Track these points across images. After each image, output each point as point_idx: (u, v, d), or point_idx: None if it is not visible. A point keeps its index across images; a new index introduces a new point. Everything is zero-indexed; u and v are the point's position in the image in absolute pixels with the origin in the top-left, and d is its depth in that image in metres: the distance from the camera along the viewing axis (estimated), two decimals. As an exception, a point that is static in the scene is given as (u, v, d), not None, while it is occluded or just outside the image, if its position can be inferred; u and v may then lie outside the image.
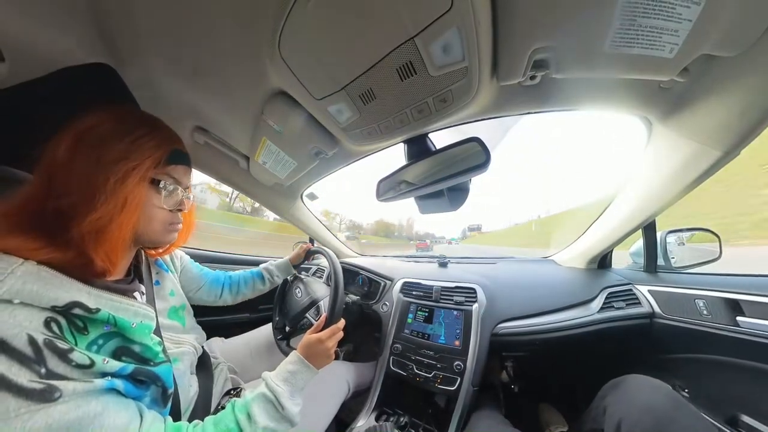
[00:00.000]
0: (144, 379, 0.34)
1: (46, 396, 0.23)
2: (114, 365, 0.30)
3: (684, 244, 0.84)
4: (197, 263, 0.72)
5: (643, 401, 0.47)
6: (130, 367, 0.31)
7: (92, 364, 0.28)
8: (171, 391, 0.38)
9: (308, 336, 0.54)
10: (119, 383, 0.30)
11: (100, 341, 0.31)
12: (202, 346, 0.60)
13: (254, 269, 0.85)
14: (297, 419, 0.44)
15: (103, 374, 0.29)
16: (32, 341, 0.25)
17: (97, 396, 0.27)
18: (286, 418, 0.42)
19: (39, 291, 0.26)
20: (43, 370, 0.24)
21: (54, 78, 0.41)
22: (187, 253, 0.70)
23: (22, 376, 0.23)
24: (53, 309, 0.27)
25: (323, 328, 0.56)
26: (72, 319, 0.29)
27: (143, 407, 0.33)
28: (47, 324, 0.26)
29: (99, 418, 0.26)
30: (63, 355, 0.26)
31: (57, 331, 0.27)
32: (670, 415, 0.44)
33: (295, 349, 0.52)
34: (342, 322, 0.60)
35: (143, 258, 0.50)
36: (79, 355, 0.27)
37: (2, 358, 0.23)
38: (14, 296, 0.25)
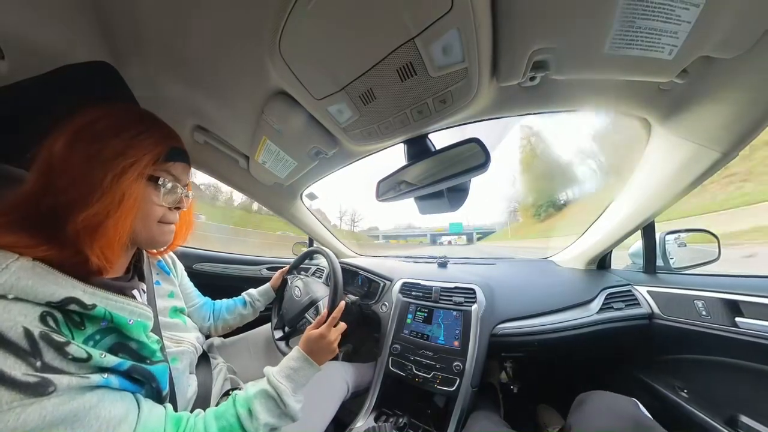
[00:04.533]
0: (139, 378, 0.33)
1: (39, 390, 0.23)
2: (111, 360, 0.29)
3: (683, 245, 0.84)
4: (191, 282, 0.71)
5: (603, 426, 0.47)
6: (127, 364, 0.31)
7: (89, 357, 0.27)
8: (165, 392, 0.37)
9: (309, 332, 0.53)
10: (114, 380, 0.29)
11: (97, 337, 0.31)
12: (202, 346, 0.60)
13: (237, 297, 0.84)
14: (298, 416, 0.44)
15: (100, 369, 0.28)
16: (28, 334, 0.24)
17: (93, 389, 0.27)
18: (287, 414, 0.42)
19: (34, 286, 0.26)
20: (38, 363, 0.24)
21: (54, 76, 0.41)
22: (187, 253, 0.70)
23: (17, 369, 0.23)
24: (49, 304, 0.27)
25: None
26: (68, 314, 0.29)
27: (140, 397, 0.32)
28: (43, 318, 0.26)
29: (94, 409, 0.26)
30: (59, 348, 0.25)
31: (53, 325, 0.26)
32: None
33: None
34: (342, 305, 0.60)
35: (144, 256, 0.50)
36: (76, 349, 0.27)
37: None
38: (8, 291, 0.25)
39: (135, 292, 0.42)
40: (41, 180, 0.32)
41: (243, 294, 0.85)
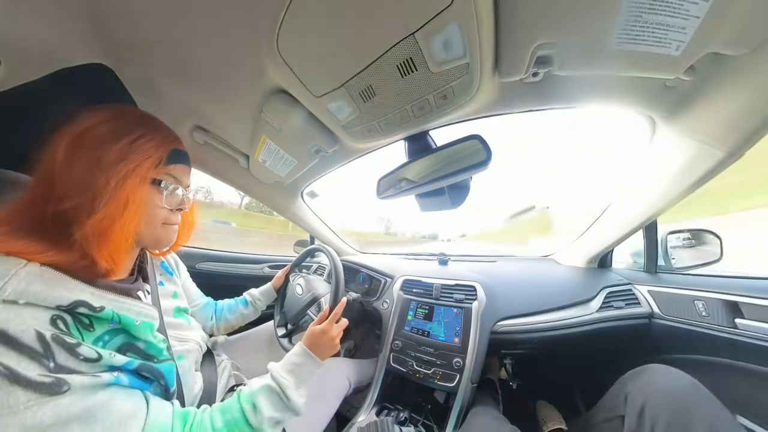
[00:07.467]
0: (148, 376, 0.34)
1: (54, 389, 0.24)
2: (120, 359, 0.30)
3: (685, 245, 0.84)
4: (194, 283, 0.72)
5: (667, 387, 0.48)
6: (136, 363, 0.32)
7: (99, 357, 0.28)
8: (173, 390, 0.38)
9: (312, 328, 0.54)
10: (124, 378, 0.30)
11: (106, 337, 0.31)
12: (206, 344, 0.61)
13: (238, 297, 0.84)
14: (302, 409, 0.44)
15: (111, 368, 0.29)
16: (40, 337, 0.25)
17: (104, 387, 0.28)
18: (291, 408, 0.43)
19: (43, 291, 0.27)
20: (52, 364, 0.25)
21: (52, 79, 0.41)
22: (190, 253, 0.70)
23: (32, 371, 0.24)
24: (58, 308, 0.28)
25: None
26: (77, 316, 0.29)
27: (149, 394, 0.33)
28: (53, 321, 0.27)
29: (106, 406, 0.27)
30: (71, 349, 0.26)
31: (63, 328, 0.27)
32: (693, 400, 0.46)
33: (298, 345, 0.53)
34: (344, 301, 0.61)
35: (148, 257, 0.51)
36: (87, 349, 0.27)
37: (12, 353, 0.23)
38: (18, 297, 0.25)
39: (140, 293, 0.42)
40: (44, 186, 0.32)
41: (245, 294, 0.86)
